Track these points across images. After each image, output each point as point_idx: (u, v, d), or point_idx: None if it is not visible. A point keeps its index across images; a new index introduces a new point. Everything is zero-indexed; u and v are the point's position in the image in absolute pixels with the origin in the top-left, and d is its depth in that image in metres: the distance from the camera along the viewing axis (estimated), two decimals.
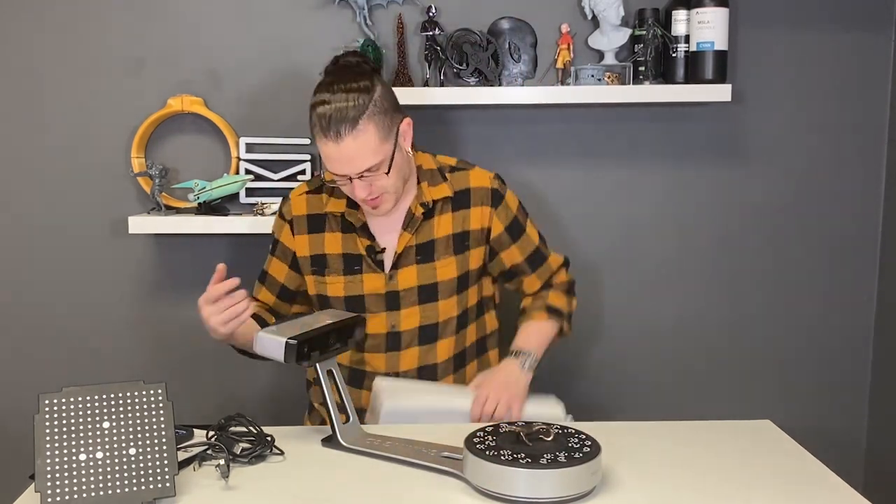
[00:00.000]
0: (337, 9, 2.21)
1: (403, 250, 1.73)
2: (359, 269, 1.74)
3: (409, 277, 1.74)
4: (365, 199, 1.66)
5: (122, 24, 2.23)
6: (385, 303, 1.74)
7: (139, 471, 1.25)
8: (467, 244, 1.77)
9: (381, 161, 1.63)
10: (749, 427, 1.61)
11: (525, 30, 2.22)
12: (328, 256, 1.76)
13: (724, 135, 2.31)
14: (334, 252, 1.76)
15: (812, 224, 2.35)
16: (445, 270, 1.75)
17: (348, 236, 1.75)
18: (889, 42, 2.29)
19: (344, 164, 1.62)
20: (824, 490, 1.33)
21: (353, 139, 1.60)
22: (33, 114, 2.26)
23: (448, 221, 1.76)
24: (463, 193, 1.77)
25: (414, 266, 1.74)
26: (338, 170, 1.63)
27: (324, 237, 1.76)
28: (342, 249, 1.75)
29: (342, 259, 1.75)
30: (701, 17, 2.11)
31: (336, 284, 1.75)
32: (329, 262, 1.76)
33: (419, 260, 1.74)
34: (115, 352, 2.34)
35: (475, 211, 1.77)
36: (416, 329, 1.75)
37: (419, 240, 1.75)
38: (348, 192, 1.69)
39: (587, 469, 1.26)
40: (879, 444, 2.39)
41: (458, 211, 1.76)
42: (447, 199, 1.76)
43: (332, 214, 1.76)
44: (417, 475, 1.37)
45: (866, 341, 2.40)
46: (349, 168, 1.62)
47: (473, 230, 1.77)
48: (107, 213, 2.29)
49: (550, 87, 2.16)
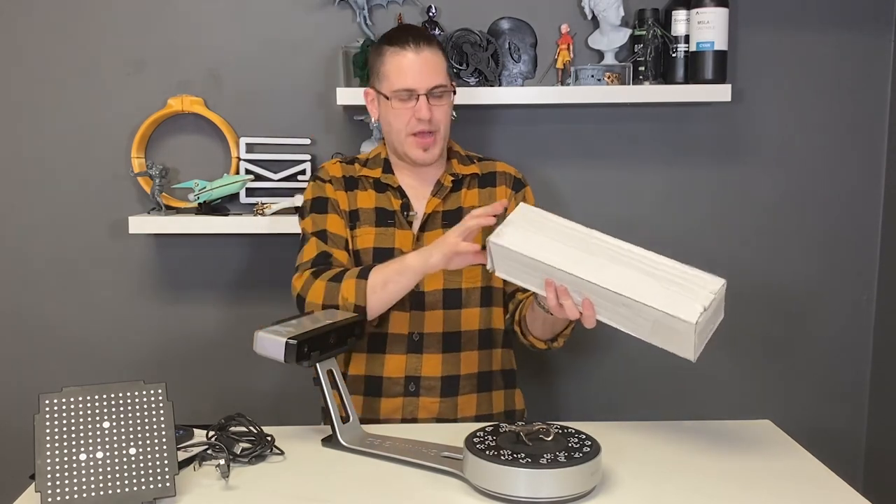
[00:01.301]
0: (337, 9, 2.21)
1: (431, 213, 1.78)
2: (392, 223, 1.77)
3: (435, 240, 1.72)
4: (422, 130, 1.71)
5: (122, 24, 2.23)
6: None
7: (139, 471, 1.25)
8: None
9: (448, 86, 1.73)
10: (749, 427, 1.61)
11: (525, 30, 2.22)
12: (360, 210, 1.78)
13: (724, 135, 2.31)
14: (367, 206, 1.78)
15: (812, 224, 2.35)
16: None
17: (382, 195, 1.79)
18: (889, 42, 2.29)
19: (420, 74, 1.70)
20: (824, 490, 1.33)
21: (432, 53, 1.72)
22: (33, 114, 2.26)
23: (475, 195, 1.82)
24: (490, 175, 1.85)
25: (440, 230, 1.76)
26: (412, 81, 1.69)
27: (356, 194, 1.79)
28: (375, 204, 1.78)
29: (374, 212, 1.78)
30: (701, 17, 2.11)
31: (367, 236, 1.76)
32: (361, 216, 1.78)
33: (445, 225, 1.77)
34: (115, 352, 2.34)
35: (499, 190, 1.83)
36: (440, 292, 1.76)
37: (447, 206, 1.79)
38: (406, 117, 1.71)
39: (587, 469, 1.26)
40: (879, 444, 2.39)
41: (485, 188, 1.83)
42: (475, 175, 1.83)
43: (365, 177, 1.80)
44: (417, 475, 1.37)
45: (866, 341, 2.40)
46: (425, 79, 1.70)
47: None
48: (107, 213, 2.29)
49: (550, 87, 2.16)
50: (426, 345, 1.75)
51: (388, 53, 1.72)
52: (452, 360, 1.77)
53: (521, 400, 1.89)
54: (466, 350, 1.78)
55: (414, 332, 1.75)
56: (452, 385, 1.76)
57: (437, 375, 1.75)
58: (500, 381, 1.83)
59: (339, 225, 1.77)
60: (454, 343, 1.77)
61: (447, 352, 1.76)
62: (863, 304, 2.39)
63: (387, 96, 1.73)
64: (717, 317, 1.45)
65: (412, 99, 1.71)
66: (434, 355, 1.75)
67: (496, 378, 1.82)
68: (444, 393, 1.75)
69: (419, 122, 1.71)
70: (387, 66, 1.72)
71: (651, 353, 2.37)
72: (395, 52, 1.71)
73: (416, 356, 1.75)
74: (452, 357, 1.77)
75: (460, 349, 1.77)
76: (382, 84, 1.74)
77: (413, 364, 1.75)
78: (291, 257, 1.80)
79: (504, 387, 1.84)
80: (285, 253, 2.06)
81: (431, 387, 1.75)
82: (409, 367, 1.75)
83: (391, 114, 1.74)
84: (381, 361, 1.76)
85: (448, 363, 1.76)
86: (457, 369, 1.77)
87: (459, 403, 1.77)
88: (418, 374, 1.75)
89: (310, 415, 1.88)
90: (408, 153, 1.75)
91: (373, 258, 1.74)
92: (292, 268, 1.76)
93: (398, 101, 1.71)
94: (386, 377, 1.75)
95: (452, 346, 1.77)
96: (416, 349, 1.75)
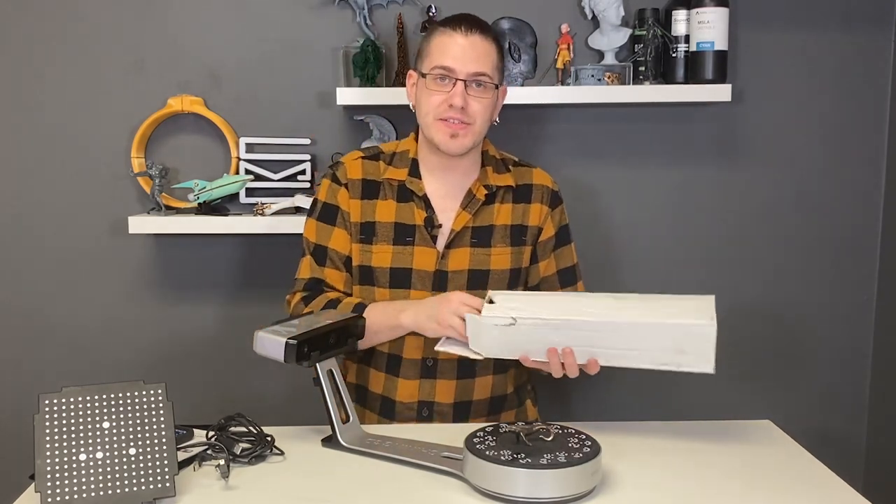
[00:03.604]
0: (337, 9, 2.21)
1: (461, 230, 1.68)
2: (411, 241, 1.67)
3: (461, 259, 1.68)
4: (452, 118, 1.61)
5: (122, 24, 2.23)
6: (432, 282, 1.67)
7: (139, 471, 1.25)
8: (524, 238, 1.73)
9: (492, 80, 1.62)
10: (749, 427, 1.61)
11: (525, 30, 2.22)
12: (377, 224, 1.68)
13: (724, 135, 2.31)
14: (386, 220, 1.68)
15: (812, 224, 2.35)
16: (499, 259, 1.70)
17: (405, 206, 1.68)
18: (889, 42, 2.29)
19: (465, 57, 1.59)
20: (824, 490, 1.33)
21: (482, 39, 1.61)
22: (33, 114, 2.26)
23: (508, 211, 1.72)
24: (525, 187, 1.75)
25: (468, 248, 1.68)
26: (452, 61, 1.59)
27: (375, 204, 1.69)
28: (395, 218, 1.68)
29: (394, 228, 1.68)
30: (701, 17, 2.11)
31: (383, 254, 1.67)
32: (378, 230, 1.68)
33: (474, 243, 1.69)
34: (115, 352, 2.34)
35: (534, 207, 1.74)
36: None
37: (477, 223, 1.70)
38: (438, 99, 1.60)
39: (587, 469, 1.26)
40: (879, 444, 2.39)
41: (519, 203, 1.73)
42: (509, 188, 1.73)
43: (389, 182, 1.70)
44: (417, 475, 1.37)
45: (866, 341, 2.40)
46: (467, 64, 1.59)
47: (531, 226, 1.74)
48: (107, 213, 2.29)
49: (550, 87, 2.16)
50: (440, 371, 1.70)
51: (438, 33, 1.63)
52: (466, 387, 1.72)
53: (534, 411, 1.85)
54: (481, 375, 1.72)
55: (428, 358, 1.70)
56: (464, 411, 1.73)
57: (450, 402, 1.71)
58: (514, 401, 1.79)
59: (342, 241, 1.70)
60: (468, 369, 1.70)
61: (461, 378, 1.71)
62: (863, 305, 2.39)
63: (424, 74, 1.62)
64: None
65: (449, 82, 1.60)
66: (448, 381, 1.71)
67: (509, 399, 1.78)
68: (455, 419, 1.72)
69: (450, 109, 1.60)
70: (433, 43, 1.63)
71: None
72: (445, 32, 1.62)
73: (430, 381, 1.70)
74: (466, 383, 1.72)
75: (475, 375, 1.72)
76: (423, 62, 1.64)
77: (426, 389, 1.71)
78: (291, 257, 1.80)
79: (517, 405, 1.80)
80: (285, 253, 2.06)
81: (444, 412, 1.72)
82: (422, 392, 1.71)
83: (424, 94, 1.63)
84: (395, 384, 1.72)
85: (461, 389, 1.71)
86: (469, 395, 1.72)
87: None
88: (432, 400, 1.71)
89: (310, 415, 1.88)
90: (434, 138, 1.63)
91: (389, 279, 1.67)
92: (293, 268, 1.77)
93: (433, 80, 1.61)
94: (399, 401, 1.72)
95: (467, 373, 1.71)
96: (429, 374, 1.70)
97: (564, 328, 1.45)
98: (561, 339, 1.46)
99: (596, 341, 1.45)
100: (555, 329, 1.46)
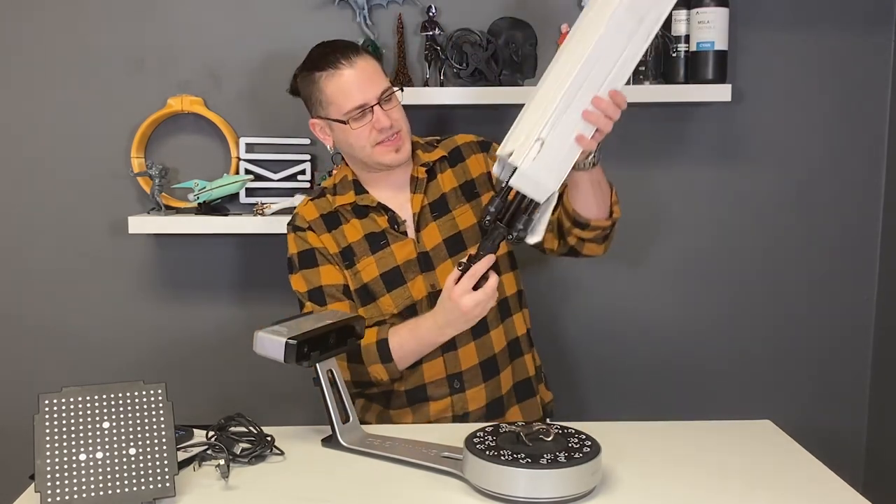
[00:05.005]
0: (337, 9, 2.21)
1: (420, 210, 1.76)
2: (385, 243, 1.74)
3: (432, 235, 1.75)
4: (387, 138, 1.69)
5: (122, 24, 2.23)
6: (419, 266, 1.73)
7: (139, 471, 1.25)
8: (476, 191, 1.80)
9: (391, 88, 1.71)
10: (749, 427, 1.61)
11: (525, 30, 2.22)
12: (353, 245, 1.75)
13: (724, 135, 2.31)
14: (357, 238, 1.75)
15: (812, 224, 2.35)
16: (464, 218, 1.77)
17: (366, 220, 1.76)
18: (889, 42, 2.29)
19: (365, 86, 1.67)
20: (824, 490, 1.34)
21: (364, 61, 1.69)
22: (33, 114, 2.26)
23: (450, 177, 1.81)
24: (455, 151, 1.83)
25: (433, 223, 1.76)
26: (359, 96, 1.66)
27: (342, 230, 1.76)
28: (363, 232, 1.75)
29: (366, 240, 1.75)
30: (701, 17, 2.11)
31: (369, 267, 1.73)
32: (355, 250, 1.74)
33: (436, 216, 1.76)
34: (115, 352, 2.34)
35: (471, 161, 1.82)
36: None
37: (430, 199, 1.78)
38: (367, 132, 1.68)
39: (587, 469, 1.26)
40: (879, 444, 2.39)
41: (457, 166, 1.82)
42: (443, 158, 1.81)
43: (343, 208, 1.77)
44: (417, 475, 1.37)
45: (866, 341, 2.40)
46: (370, 90, 1.67)
47: (476, 177, 1.81)
48: (107, 213, 2.29)
49: None
50: (466, 381, 1.74)
51: (324, 79, 1.68)
52: (484, 343, 1.74)
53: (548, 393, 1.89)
54: (493, 328, 1.75)
55: (454, 379, 1.73)
56: (492, 368, 1.76)
57: (483, 405, 1.75)
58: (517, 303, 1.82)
59: (332, 274, 1.74)
60: (480, 326, 1.69)
61: (477, 337, 1.73)
62: (863, 304, 2.39)
63: (342, 121, 1.69)
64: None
65: (368, 113, 1.68)
66: (467, 346, 1.73)
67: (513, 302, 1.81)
68: (488, 417, 1.75)
69: (381, 132, 1.69)
70: (327, 91, 1.69)
71: (651, 353, 2.39)
72: (330, 74, 1.68)
73: (452, 353, 1.73)
74: (484, 340, 1.74)
75: (488, 329, 1.75)
76: (329, 110, 1.70)
77: (459, 404, 1.74)
78: None
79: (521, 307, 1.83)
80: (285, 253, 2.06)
81: (479, 416, 1.75)
82: (455, 407, 1.74)
83: (352, 135, 1.70)
84: (426, 409, 1.74)
85: (481, 347, 1.74)
86: (490, 350, 1.75)
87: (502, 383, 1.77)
88: (459, 370, 1.73)
89: (310, 415, 1.88)
90: (380, 162, 1.72)
91: (384, 284, 1.72)
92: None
93: (355, 121, 1.68)
94: (428, 383, 1.74)
95: (480, 330, 1.72)
96: (449, 347, 1.72)
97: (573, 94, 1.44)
98: (581, 103, 1.45)
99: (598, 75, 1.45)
100: (568, 103, 1.44)
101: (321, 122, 1.75)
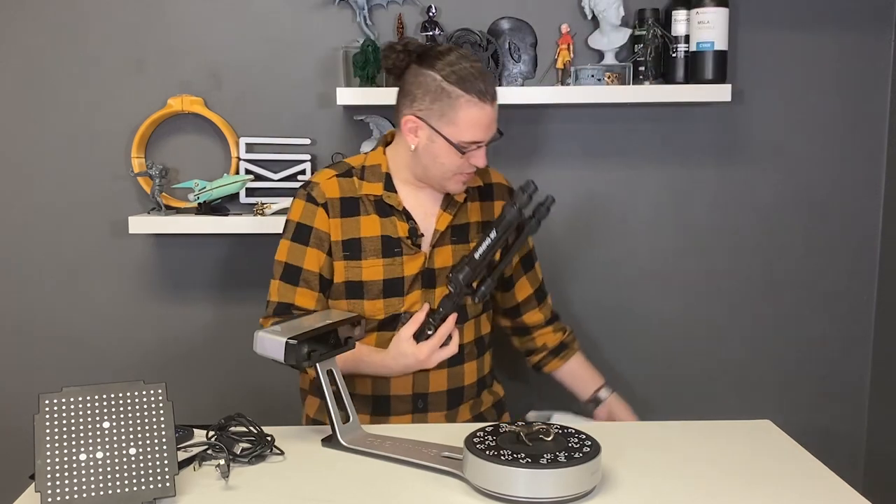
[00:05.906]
0: (337, 9, 2.21)
1: (445, 229, 1.75)
2: (399, 252, 1.72)
3: (445, 257, 1.75)
4: (469, 173, 1.70)
5: (122, 24, 2.23)
6: (421, 281, 1.73)
7: (139, 471, 1.25)
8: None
9: (497, 132, 1.71)
10: (749, 427, 1.61)
11: (525, 30, 2.22)
12: (363, 240, 1.71)
13: (724, 135, 2.31)
14: (371, 235, 1.71)
15: (812, 224, 2.35)
16: None
17: (387, 220, 1.72)
18: (889, 42, 2.29)
19: (491, 126, 1.67)
20: (824, 490, 1.34)
21: (496, 100, 1.67)
22: (33, 114, 2.26)
23: (477, 209, 1.82)
24: (488, 186, 1.84)
25: (450, 246, 1.76)
26: (482, 134, 1.65)
27: (359, 220, 1.71)
28: (381, 232, 1.72)
29: (381, 241, 1.71)
30: (701, 17, 2.11)
31: (374, 268, 1.71)
32: (364, 246, 1.71)
33: (454, 241, 1.77)
34: (115, 352, 2.34)
35: (497, 204, 1.84)
36: None
37: (456, 221, 1.77)
38: (459, 161, 1.66)
39: (587, 469, 1.26)
40: (879, 444, 2.39)
41: (485, 201, 1.83)
42: (477, 187, 1.82)
43: (367, 197, 1.72)
44: (417, 475, 1.37)
45: (866, 341, 2.40)
46: (490, 132, 1.67)
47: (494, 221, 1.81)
48: (107, 213, 2.29)
49: (550, 87, 2.16)
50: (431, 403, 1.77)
51: (464, 102, 1.61)
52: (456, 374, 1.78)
53: (500, 387, 1.94)
54: (468, 361, 1.79)
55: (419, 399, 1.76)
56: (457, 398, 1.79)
57: (443, 390, 1.77)
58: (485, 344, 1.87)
59: (315, 261, 1.71)
60: (457, 398, 1.79)
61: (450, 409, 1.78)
62: (863, 304, 2.39)
63: (453, 143, 1.63)
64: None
65: (474, 148, 1.66)
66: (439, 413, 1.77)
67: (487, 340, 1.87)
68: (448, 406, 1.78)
69: (471, 166, 1.68)
70: (461, 114, 1.62)
71: (651, 353, 2.39)
72: (474, 102, 1.61)
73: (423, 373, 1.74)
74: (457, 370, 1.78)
75: (463, 361, 1.78)
76: (447, 128, 1.63)
77: (421, 382, 1.75)
78: None
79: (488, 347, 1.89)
80: None
81: (438, 402, 1.77)
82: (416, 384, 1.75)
83: (447, 156, 1.65)
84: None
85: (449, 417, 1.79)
86: (461, 381, 1.79)
87: (459, 413, 1.80)
88: (426, 392, 1.76)
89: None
90: (447, 188, 1.71)
91: (383, 289, 1.71)
92: None
93: (463, 150, 1.65)
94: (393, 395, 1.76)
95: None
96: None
97: None
98: None
99: None
100: None
101: (425, 126, 1.65)
